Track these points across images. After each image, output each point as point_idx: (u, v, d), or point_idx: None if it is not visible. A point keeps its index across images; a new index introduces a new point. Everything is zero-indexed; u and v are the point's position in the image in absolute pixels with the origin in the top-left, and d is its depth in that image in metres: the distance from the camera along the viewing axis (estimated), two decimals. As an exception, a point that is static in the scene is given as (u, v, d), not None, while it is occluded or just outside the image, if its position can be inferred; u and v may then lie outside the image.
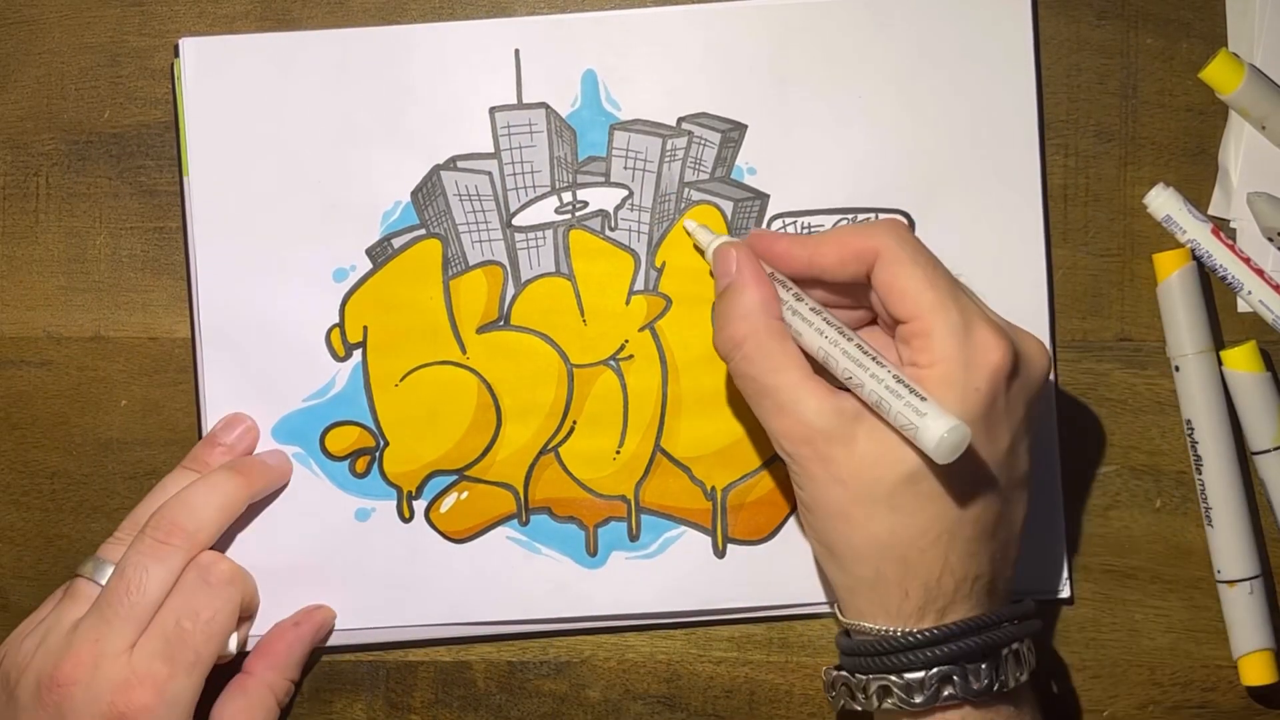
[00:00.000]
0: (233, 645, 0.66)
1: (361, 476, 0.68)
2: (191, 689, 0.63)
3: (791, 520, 0.68)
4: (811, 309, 0.60)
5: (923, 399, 0.55)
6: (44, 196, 0.70)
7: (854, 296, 0.62)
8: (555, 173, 0.68)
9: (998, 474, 0.58)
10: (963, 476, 0.57)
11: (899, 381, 0.56)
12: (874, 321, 0.63)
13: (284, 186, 0.68)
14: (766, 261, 0.61)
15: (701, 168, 0.68)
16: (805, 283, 0.61)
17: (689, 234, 0.67)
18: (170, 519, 0.64)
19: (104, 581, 0.64)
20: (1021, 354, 0.58)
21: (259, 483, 0.67)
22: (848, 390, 0.58)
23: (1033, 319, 0.68)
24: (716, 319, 0.61)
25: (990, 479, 0.58)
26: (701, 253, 0.66)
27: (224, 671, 0.66)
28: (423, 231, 0.68)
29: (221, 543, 0.67)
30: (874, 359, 0.57)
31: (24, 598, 0.70)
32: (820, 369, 0.59)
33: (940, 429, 0.54)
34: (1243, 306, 0.69)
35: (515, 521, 0.68)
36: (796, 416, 0.58)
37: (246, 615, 0.67)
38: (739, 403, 0.68)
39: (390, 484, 0.68)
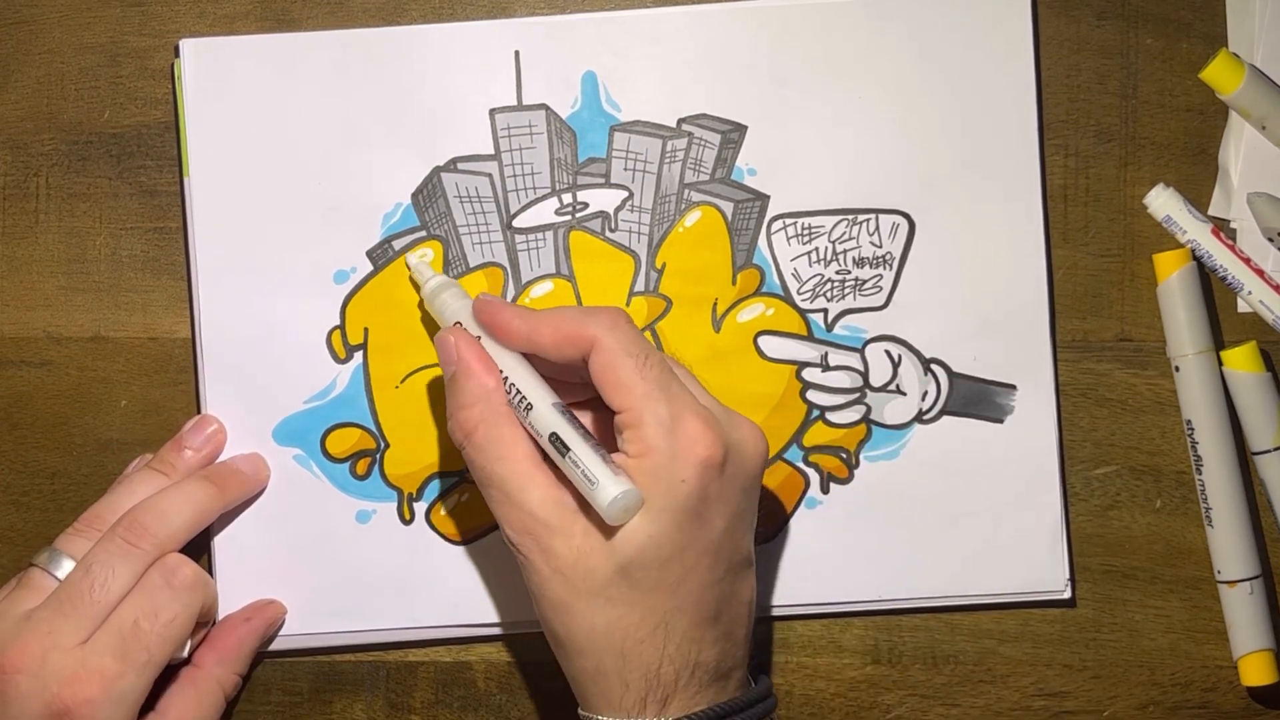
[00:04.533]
0: (185, 650, 0.65)
1: (362, 478, 0.68)
2: (140, 689, 0.62)
3: (792, 521, 0.68)
4: (509, 384, 0.60)
5: (596, 475, 0.56)
6: (44, 196, 0.70)
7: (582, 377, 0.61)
8: (555, 174, 0.68)
9: (714, 560, 0.58)
10: (675, 566, 0.57)
11: (587, 451, 0.57)
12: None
13: (284, 187, 0.68)
14: (489, 330, 0.61)
15: (701, 169, 0.68)
16: (530, 357, 0.61)
17: (409, 268, 0.67)
18: (142, 523, 0.63)
19: (59, 574, 0.63)
20: (732, 443, 0.58)
21: (233, 493, 0.67)
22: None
23: (1033, 319, 0.68)
24: (449, 406, 0.60)
25: (706, 565, 0.58)
26: (417, 287, 0.66)
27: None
28: (423, 233, 0.68)
29: (224, 543, 0.67)
30: (560, 437, 0.58)
31: (25, 598, 0.70)
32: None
33: (613, 492, 0.56)
34: (1243, 306, 0.69)
35: (516, 523, 0.68)
36: (521, 506, 0.58)
37: (204, 621, 0.66)
38: (739, 404, 0.68)
39: (391, 486, 0.68)
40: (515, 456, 0.59)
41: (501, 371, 0.60)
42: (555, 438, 0.58)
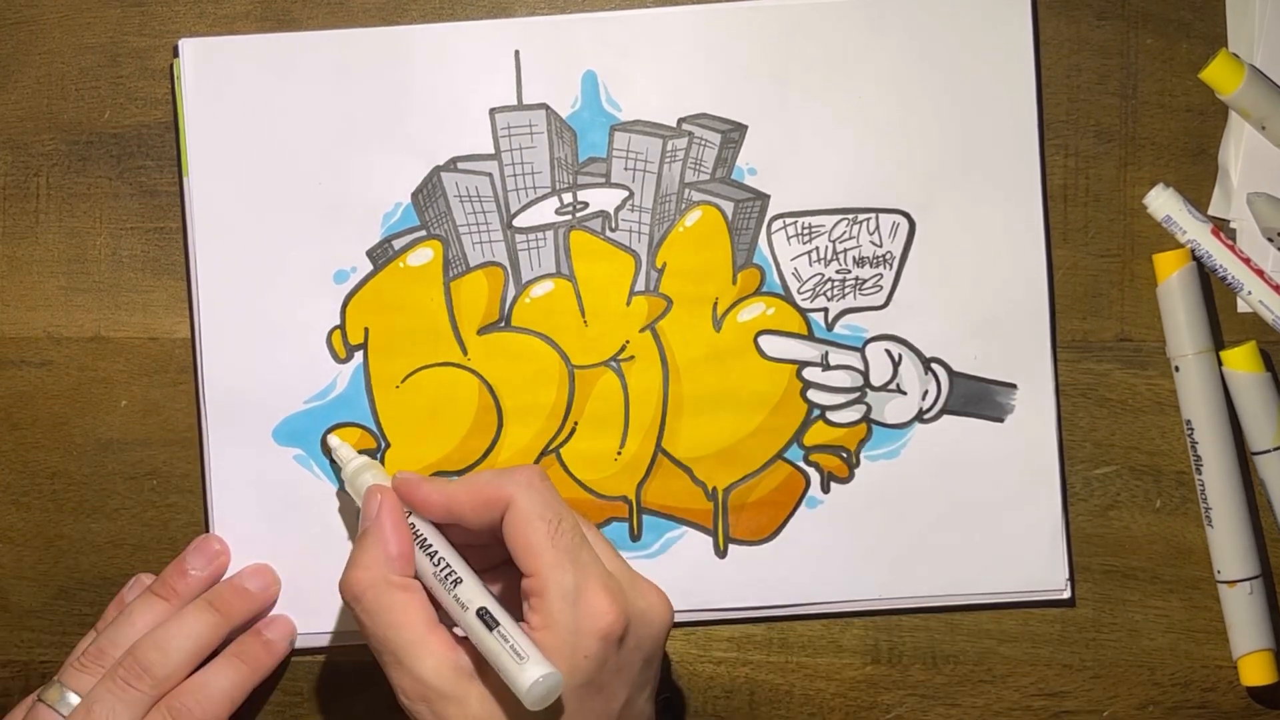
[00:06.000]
0: None
1: (363, 478, 0.68)
2: None
3: (792, 521, 0.68)
4: (436, 558, 0.60)
5: (525, 651, 0.56)
6: (44, 197, 0.70)
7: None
8: (555, 174, 0.68)
9: None
10: None
11: (514, 629, 0.57)
12: None
13: (284, 187, 0.68)
14: (409, 505, 0.61)
15: (702, 168, 0.68)
16: (451, 527, 0.61)
17: (330, 450, 0.67)
18: (142, 663, 0.64)
19: (64, 712, 0.63)
20: (635, 613, 0.58)
21: (238, 617, 0.67)
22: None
23: (1033, 319, 0.68)
24: (347, 564, 0.60)
25: None
26: (338, 468, 0.66)
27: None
28: (423, 233, 0.68)
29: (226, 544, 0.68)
30: (480, 613, 0.58)
31: (24, 598, 0.70)
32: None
33: (532, 675, 0.55)
34: (1243, 306, 0.69)
35: (516, 522, 0.68)
36: (413, 673, 0.57)
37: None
38: (740, 403, 0.68)
39: (391, 485, 0.68)
40: (408, 623, 0.58)
41: (430, 545, 0.60)
42: (484, 612, 0.57)
